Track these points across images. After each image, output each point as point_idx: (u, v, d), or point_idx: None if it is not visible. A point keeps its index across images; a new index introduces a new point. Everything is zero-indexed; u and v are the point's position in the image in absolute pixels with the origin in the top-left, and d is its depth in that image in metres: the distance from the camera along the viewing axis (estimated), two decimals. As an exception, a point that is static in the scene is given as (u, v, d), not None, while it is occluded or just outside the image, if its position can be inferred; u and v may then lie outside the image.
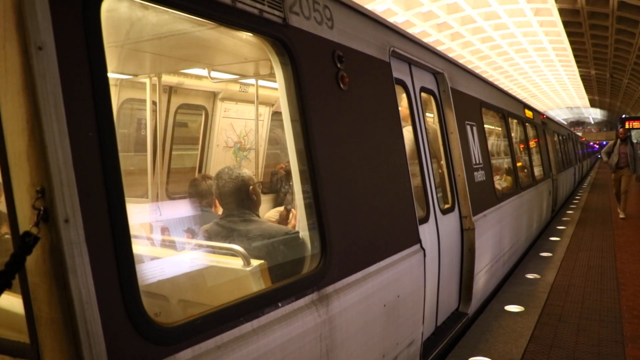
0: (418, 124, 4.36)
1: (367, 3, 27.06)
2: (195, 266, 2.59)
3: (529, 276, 6.97)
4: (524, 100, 11.07)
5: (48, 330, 1.48)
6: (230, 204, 2.90)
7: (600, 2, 25.14)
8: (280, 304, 2.20)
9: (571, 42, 34.55)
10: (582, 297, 6.05)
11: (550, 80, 57.34)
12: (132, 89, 5.39)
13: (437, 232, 4.41)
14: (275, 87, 5.93)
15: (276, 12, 2.50)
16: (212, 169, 6.29)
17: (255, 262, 2.39)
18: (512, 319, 5.24)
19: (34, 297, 1.49)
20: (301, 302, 2.34)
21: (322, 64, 2.84)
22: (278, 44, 2.53)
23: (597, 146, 64.70)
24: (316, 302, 2.43)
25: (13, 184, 1.49)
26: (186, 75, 5.60)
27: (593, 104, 68.52)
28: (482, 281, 5.59)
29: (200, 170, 6.38)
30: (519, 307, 5.63)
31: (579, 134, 42.60)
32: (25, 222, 1.45)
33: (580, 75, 47.12)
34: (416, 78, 4.50)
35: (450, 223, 4.79)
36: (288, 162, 6.49)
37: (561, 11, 29.06)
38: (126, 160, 5.38)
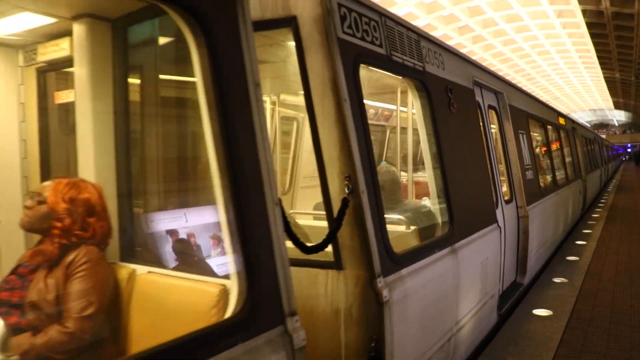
0: (488, 134, 5.66)
1: (390, 7, 27.28)
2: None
3: (557, 280, 6.93)
4: (547, 102, 12.10)
5: (348, 252, 2.81)
6: (393, 192, 4.19)
7: (626, 3, 24.41)
8: (436, 250, 3.56)
9: (595, 44, 33.91)
10: (611, 301, 6.00)
11: (573, 83, 56.95)
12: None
13: (503, 217, 5.70)
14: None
15: (419, 63, 3.82)
16: (303, 170, 7.61)
17: (412, 227, 3.73)
18: (541, 323, 5.27)
19: (340, 234, 2.81)
20: (444, 251, 3.69)
21: (441, 95, 4.16)
22: (418, 83, 3.85)
23: (622, 149, 64.48)
24: (450, 252, 3.78)
25: (327, 176, 2.82)
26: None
27: (617, 106, 67.02)
28: (533, 260, 6.85)
29: (292, 171, 7.68)
30: (548, 311, 5.63)
31: (603, 136, 42.60)
32: (339, 194, 2.78)
33: (604, 78, 46.31)
34: (485, 98, 5.80)
35: (510, 211, 6.07)
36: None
37: (585, 12, 28.50)
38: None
